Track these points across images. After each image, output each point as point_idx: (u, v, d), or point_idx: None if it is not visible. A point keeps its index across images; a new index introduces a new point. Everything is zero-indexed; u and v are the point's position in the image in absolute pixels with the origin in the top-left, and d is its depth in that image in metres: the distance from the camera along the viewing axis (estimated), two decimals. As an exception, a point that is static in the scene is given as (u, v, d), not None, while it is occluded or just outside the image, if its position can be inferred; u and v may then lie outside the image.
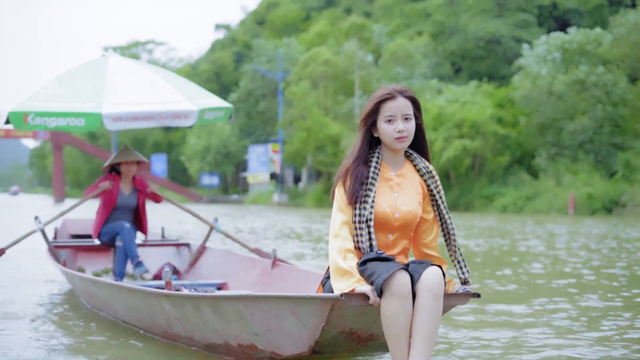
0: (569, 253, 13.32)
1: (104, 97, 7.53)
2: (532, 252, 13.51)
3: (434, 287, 3.87)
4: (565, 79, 39.61)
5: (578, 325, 6.23)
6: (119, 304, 6.22)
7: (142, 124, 7.53)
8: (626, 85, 39.71)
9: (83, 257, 8.88)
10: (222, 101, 8.26)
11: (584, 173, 37.53)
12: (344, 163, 4.26)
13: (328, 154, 48.62)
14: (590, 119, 38.97)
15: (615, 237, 17.85)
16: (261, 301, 4.27)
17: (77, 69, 8.10)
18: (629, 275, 9.89)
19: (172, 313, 5.26)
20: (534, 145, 41.92)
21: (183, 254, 8.94)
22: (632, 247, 14.61)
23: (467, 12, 59.83)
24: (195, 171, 73.06)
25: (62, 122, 7.29)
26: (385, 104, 4.17)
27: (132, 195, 8.15)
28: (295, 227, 22.46)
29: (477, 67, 57.98)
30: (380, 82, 50.53)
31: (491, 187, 41.21)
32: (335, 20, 69.67)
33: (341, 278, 3.97)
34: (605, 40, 41.04)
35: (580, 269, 10.58)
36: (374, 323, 4.18)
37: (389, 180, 4.24)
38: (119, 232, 7.88)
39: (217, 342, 4.94)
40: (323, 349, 4.27)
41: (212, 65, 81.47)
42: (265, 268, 7.18)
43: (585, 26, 50.92)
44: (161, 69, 8.66)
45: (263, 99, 68.24)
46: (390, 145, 4.20)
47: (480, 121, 40.62)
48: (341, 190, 4.19)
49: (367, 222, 4.11)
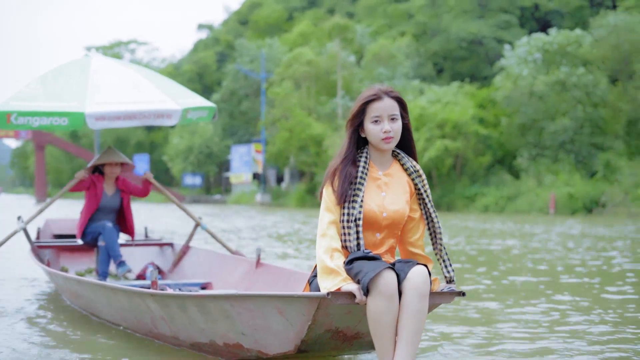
0: (544, 251, 13.49)
1: (87, 96, 7.52)
2: (507, 251, 13.67)
3: (420, 286, 3.92)
4: (546, 79, 39.90)
5: (548, 319, 6.39)
6: (104, 304, 6.20)
7: (125, 123, 7.51)
8: (606, 86, 40.04)
9: (66, 257, 8.82)
10: (205, 101, 8.23)
11: (565, 173, 37.85)
12: (332, 163, 4.30)
13: (311, 154, 48.69)
14: (570, 119, 39.28)
15: (590, 236, 18.07)
16: (248, 300, 4.29)
17: (60, 69, 8.08)
18: (598, 272, 10.06)
19: (158, 312, 5.25)
20: (515, 145, 42.19)
21: (166, 254, 8.92)
22: (607, 246, 14.81)
23: (449, 13, 60.03)
24: (177, 171, 72.94)
25: (46, 121, 7.26)
26: (371, 104, 4.21)
27: (115, 196, 8.12)
28: (278, 227, 22.54)
29: (459, 67, 58.19)
30: (362, 83, 50.66)
31: (473, 187, 41.43)
32: (318, 20, 69.70)
33: (328, 277, 4.00)
34: (586, 41, 41.37)
35: (554, 267, 10.75)
36: (359, 322, 4.21)
37: (377, 180, 4.28)
38: (101, 232, 7.88)
39: (203, 341, 4.94)
40: (309, 348, 4.29)
41: (194, 66, 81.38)
42: (250, 267, 7.19)
43: (566, 27, 51.26)
44: (144, 69, 8.65)
45: (246, 99, 68.23)
46: (377, 145, 4.24)
47: (462, 122, 40.83)
48: (329, 190, 4.23)
49: (355, 221, 4.15)
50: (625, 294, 8.03)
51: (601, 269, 10.74)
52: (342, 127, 46.77)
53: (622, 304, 7.35)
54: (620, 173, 36.41)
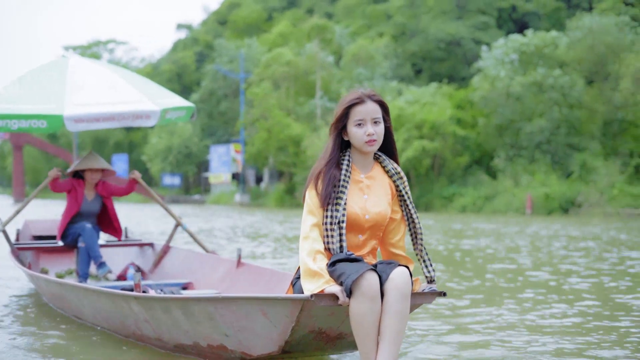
0: (513, 251, 13.71)
1: (65, 98, 7.52)
2: (480, 250, 13.86)
3: (402, 287, 3.98)
4: (522, 81, 40.22)
5: (515, 316, 6.60)
6: (87, 306, 6.19)
7: (104, 124, 7.51)
8: (582, 87, 40.42)
9: (46, 258, 8.80)
10: (183, 100, 8.27)
11: (541, 173, 38.18)
12: (316, 166, 4.34)
13: (289, 154, 48.77)
14: (547, 120, 39.65)
15: (560, 235, 18.31)
16: (231, 302, 4.33)
17: (38, 70, 8.06)
18: (566, 271, 10.27)
19: (141, 315, 5.27)
20: (492, 146, 42.49)
21: (147, 254, 8.93)
22: (581, 246, 15.04)
23: (428, 14, 60.20)
24: (156, 171, 72.70)
25: (24, 124, 7.25)
26: (354, 108, 4.27)
27: (95, 201, 8.13)
28: (257, 227, 22.63)
29: (437, 68, 58.38)
30: (341, 83, 50.78)
31: (451, 188, 41.67)
32: (297, 20, 69.72)
33: (311, 279, 4.05)
34: (562, 43, 41.75)
35: (521, 266, 10.96)
36: (342, 322, 4.27)
37: (359, 183, 4.34)
38: (81, 233, 7.89)
39: (186, 342, 4.97)
40: (293, 349, 4.34)
41: (173, 65, 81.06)
42: (231, 267, 7.22)
43: (543, 29, 51.63)
44: (122, 69, 8.66)
45: (225, 99, 68.14)
46: (361, 148, 4.29)
47: (440, 122, 41.05)
48: (313, 193, 4.27)
49: (339, 223, 4.20)
50: (583, 291, 8.25)
51: (565, 267, 10.99)
52: (321, 127, 46.90)
53: (580, 298, 7.60)
54: (596, 173, 36.82)
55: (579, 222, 25.87)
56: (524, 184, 38.00)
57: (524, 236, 18.30)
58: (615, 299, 7.75)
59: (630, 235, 18.54)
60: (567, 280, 9.35)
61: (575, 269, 10.72)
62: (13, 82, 7.83)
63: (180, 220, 8.45)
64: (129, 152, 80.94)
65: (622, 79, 35.65)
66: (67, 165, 75.64)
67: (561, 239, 17.05)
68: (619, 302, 7.56)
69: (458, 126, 42.52)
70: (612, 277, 9.62)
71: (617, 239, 17.09)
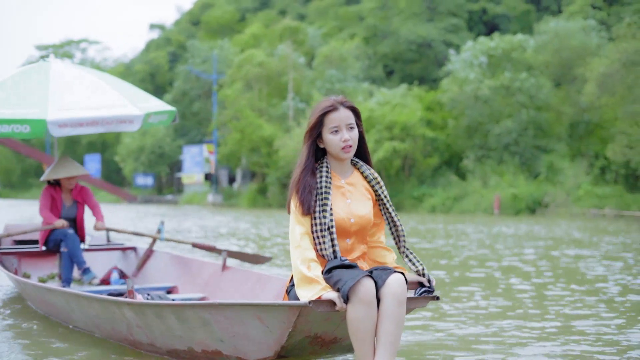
0: (466, 249, 14.21)
1: (48, 102, 7.46)
2: (441, 250, 14.32)
3: (398, 293, 4.07)
4: (490, 84, 40.83)
5: (468, 313, 7.08)
6: (77, 312, 6.14)
7: (88, 129, 7.49)
8: (550, 90, 41.12)
9: (27, 262, 8.66)
10: (165, 104, 8.32)
11: (509, 174, 38.77)
12: (294, 175, 4.41)
13: (262, 154, 49.00)
14: (514, 122, 40.26)
15: (519, 235, 18.78)
16: (227, 309, 4.36)
17: (19, 74, 7.99)
18: (509, 267, 10.76)
19: (134, 321, 5.26)
20: (461, 147, 43.02)
21: (130, 258, 8.89)
22: (528, 244, 15.53)
23: (399, 16, 60.59)
24: (129, 171, 72.56)
25: (7, 128, 7.18)
26: (328, 115, 4.34)
27: (72, 206, 8.16)
28: (230, 226, 22.96)
29: (409, 70, 58.81)
30: (313, 85, 51.08)
31: (421, 188, 42.12)
32: (270, 21, 69.81)
33: (308, 286, 4.12)
34: (529, 46, 42.46)
35: (466, 262, 11.46)
36: (337, 327, 4.36)
37: (340, 188, 4.42)
38: (62, 239, 7.88)
39: (180, 348, 4.97)
40: (288, 353, 4.39)
41: (146, 66, 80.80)
42: (216, 271, 7.25)
43: (513, 31, 52.37)
44: (104, 74, 8.65)
45: (197, 99, 68.19)
46: (337, 155, 4.38)
47: (410, 124, 41.48)
48: (295, 202, 4.33)
49: (329, 229, 4.28)
50: (524, 284, 8.76)
51: (512, 263, 11.58)
52: (293, 128, 47.19)
53: (520, 292, 8.11)
54: (563, 174, 37.48)
55: (544, 223, 26.40)
56: (493, 184, 38.56)
57: (485, 235, 18.74)
58: (542, 291, 8.26)
59: (584, 235, 19.06)
60: (508, 274, 9.84)
61: (521, 265, 11.20)
62: None
63: (158, 234, 8.41)
64: (101, 152, 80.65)
65: (587, 83, 36.34)
66: (40, 165, 75.30)
67: (517, 238, 17.53)
68: (547, 293, 8.12)
69: (428, 128, 42.99)
70: (541, 274, 10.10)
71: (574, 239, 17.59)
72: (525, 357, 5.27)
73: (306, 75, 52.87)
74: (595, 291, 8.65)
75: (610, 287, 8.96)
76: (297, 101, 51.28)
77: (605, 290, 8.74)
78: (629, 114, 34.12)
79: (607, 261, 12.22)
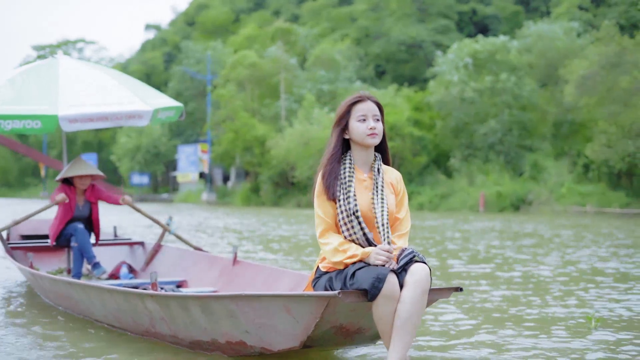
0: (440, 244, 14.93)
1: (59, 98, 7.50)
2: (424, 246, 15.13)
3: (422, 282, 4.14)
4: (476, 85, 41.65)
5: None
6: (97, 305, 6.09)
7: (98, 124, 7.54)
8: (534, 90, 41.97)
9: (35, 257, 8.60)
10: (172, 100, 8.40)
11: (495, 173, 39.52)
12: (321, 162, 4.55)
13: (255, 154, 49.52)
14: (499, 122, 41.10)
15: (497, 230, 19.42)
16: (255, 300, 4.39)
17: (28, 71, 8.06)
18: (484, 258, 11.49)
19: (157, 313, 5.26)
20: (449, 146, 43.81)
21: (137, 253, 8.91)
22: (506, 239, 16.13)
23: (391, 17, 61.11)
24: (125, 170, 72.70)
25: (18, 124, 7.26)
26: (356, 105, 4.49)
27: (85, 206, 8.14)
28: (225, 224, 23.48)
29: (400, 70, 59.22)
30: (305, 85, 51.60)
31: (409, 186, 42.48)
32: (264, 22, 70.06)
33: (342, 254, 4.30)
34: (512, 48, 43.35)
35: (440, 256, 12.15)
36: (363, 318, 4.40)
37: (363, 182, 4.50)
38: (72, 234, 7.92)
39: (204, 339, 4.99)
40: (314, 343, 4.45)
41: (142, 66, 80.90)
42: (226, 265, 7.26)
43: (503, 32, 53.04)
44: (112, 70, 8.72)
45: (192, 100, 68.54)
46: (362, 141, 4.47)
47: (399, 123, 42.21)
48: (320, 187, 4.46)
49: (354, 214, 4.36)
50: (481, 276, 9.63)
51: (486, 257, 12.16)
52: (285, 128, 47.78)
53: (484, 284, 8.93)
54: (547, 173, 38.26)
55: (528, 219, 26.96)
56: (478, 183, 39.28)
57: (464, 231, 19.52)
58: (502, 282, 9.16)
59: (555, 231, 19.80)
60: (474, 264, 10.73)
61: (495, 258, 12.01)
62: (3, 83, 7.82)
63: (169, 226, 8.42)
64: (97, 152, 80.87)
65: (567, 84, 37.22)
66: (37, 164, 75.86)
67: (498, 233, 18.18)
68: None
69: (416, 127, 43.70)
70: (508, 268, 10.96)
71: (556, 235, 18.36)
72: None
73: (298, 76, 53.38)
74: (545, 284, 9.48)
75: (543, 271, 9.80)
76: (289, 102, 51.86)
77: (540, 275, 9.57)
78: (608, 114, 34.94)
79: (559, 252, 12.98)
